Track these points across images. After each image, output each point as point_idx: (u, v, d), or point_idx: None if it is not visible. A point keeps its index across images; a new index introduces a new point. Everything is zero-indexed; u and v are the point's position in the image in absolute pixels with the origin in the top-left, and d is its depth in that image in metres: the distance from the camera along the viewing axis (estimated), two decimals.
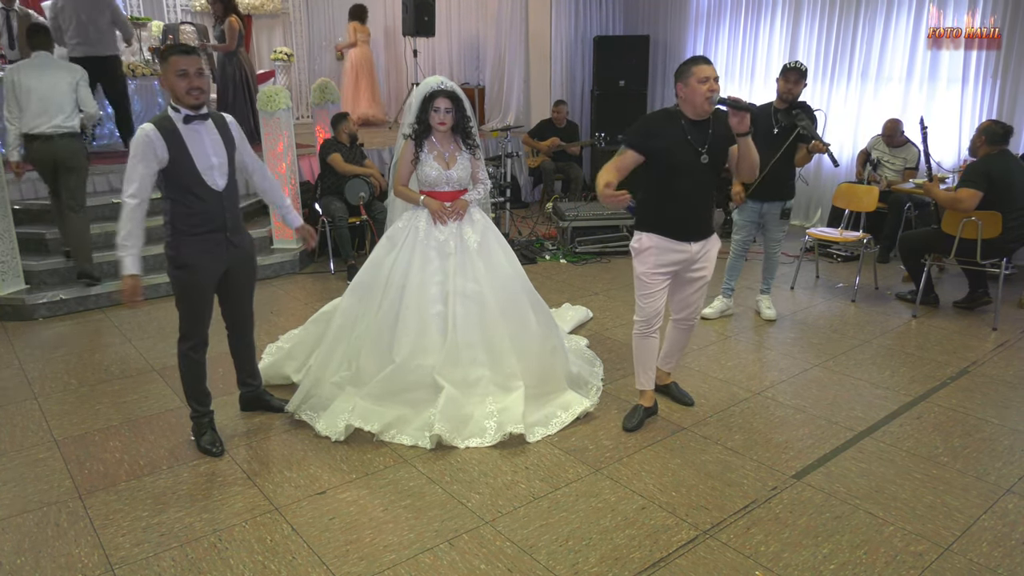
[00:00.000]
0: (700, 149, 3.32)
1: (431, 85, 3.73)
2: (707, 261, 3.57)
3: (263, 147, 6.34)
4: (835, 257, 6.82)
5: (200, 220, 3.21)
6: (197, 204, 3.19)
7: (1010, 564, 2.67)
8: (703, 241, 3.51)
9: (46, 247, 5.78)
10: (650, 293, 3.51)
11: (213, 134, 3.23)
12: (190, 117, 3.14)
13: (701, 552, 2.74)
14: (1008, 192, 4.90)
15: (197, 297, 3.30)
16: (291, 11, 10.94)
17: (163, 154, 3.09)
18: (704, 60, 3.32)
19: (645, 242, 3.48)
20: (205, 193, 3.19)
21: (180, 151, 3.12)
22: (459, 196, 3.81)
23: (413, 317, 3.67)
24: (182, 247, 3.21)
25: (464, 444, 3.47)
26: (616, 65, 9.20)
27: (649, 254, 3.47)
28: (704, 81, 3.24)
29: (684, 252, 3.47)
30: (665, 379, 3.97)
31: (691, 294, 3.65)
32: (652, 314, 3.54)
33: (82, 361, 4.56)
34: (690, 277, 3.58)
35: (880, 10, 7.38)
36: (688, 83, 3.28)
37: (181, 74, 3.08)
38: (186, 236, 3.21)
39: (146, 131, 3.07)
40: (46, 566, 2.67)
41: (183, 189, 3.16)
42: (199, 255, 3.24)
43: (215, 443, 3.45)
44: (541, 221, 7.99)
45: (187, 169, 3.14)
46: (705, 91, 3.24)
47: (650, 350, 3.63)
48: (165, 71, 3.12)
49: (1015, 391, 4.10)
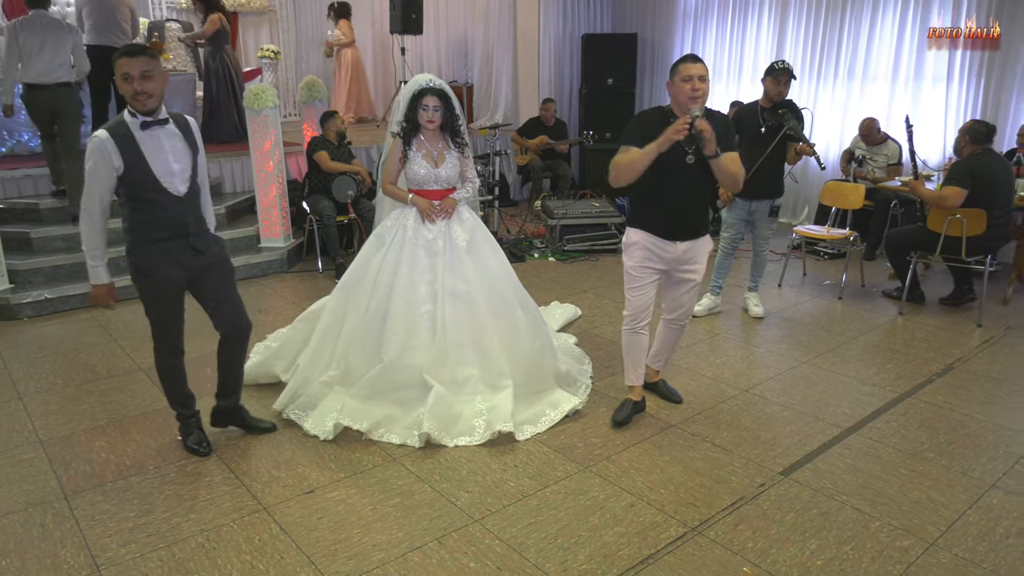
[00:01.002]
0: (687, 149, 3.29)
1: (419, 83, 3.72)
2: (696, 263, 3.54)
3: (250, 145, 6.31)
4: (822, 255, 6.86)
5: (160, 227, 3.07)
6: (157, 211, 3.05)
7: (995, 559, 2.69)
8: (691, 242, 3.49)
9: (30, 246, 5.72)
10: (638, 287, 3.52)
11: (174, 138, 3.08)
12: (147, 123, 2.98)
13: (689, 549, 2.75)
14: (992, 190, 4.94)
15: (161, 306, 3.18)
16: (278, 9, 10.87)
17: (118, 162, 2.94)
18: (692, 59, 3.29)
19: (633, 237, 3.50)
20: (165, 199, 3.04)
21: (136, 158, 2.96)
22: (448, 195, 3.80)
23: (402, 316, 3.66)
24: (142, 255, 3.08)
25: (453, 443, 3.47)
26: (604, 63, 9.21)
27: (636, 249, 3.49)
28: (687, 80, 3.22)
29: (671, 251, 3.46)
30: (654, 376, 3.98)
31: (682, 295, 3.64)
32: (639, 309, 3.55)
33: (68, 361, 4.52)
34: (680, 278, 3.58)
35: (866, 9, 7.42)
36: (674, 81, 3.29)
37: (124, 78, 2.91)
38: (146, 243, 3.07)
39: (99, 138, 2.93)
40: (31, 567, 2.65)
41: (141, 196, 3.02)
42: (160, 263, 3.09)
43: (202, 443, 3.42)
44: (530, 219, 7.99)
45: (144, 176, 2.99)
46: (688, 90, 3.21)
47: (639, 347, 3.64)
48: (116, 74, 2.96)
49: (1000, 387, 4.14)
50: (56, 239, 5.79)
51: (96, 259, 3.11)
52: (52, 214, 5.95)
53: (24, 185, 6.10)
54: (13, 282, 5.47)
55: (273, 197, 6.39)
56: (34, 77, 5.63)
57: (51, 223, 5.90)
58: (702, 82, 3.23)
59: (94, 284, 3.17)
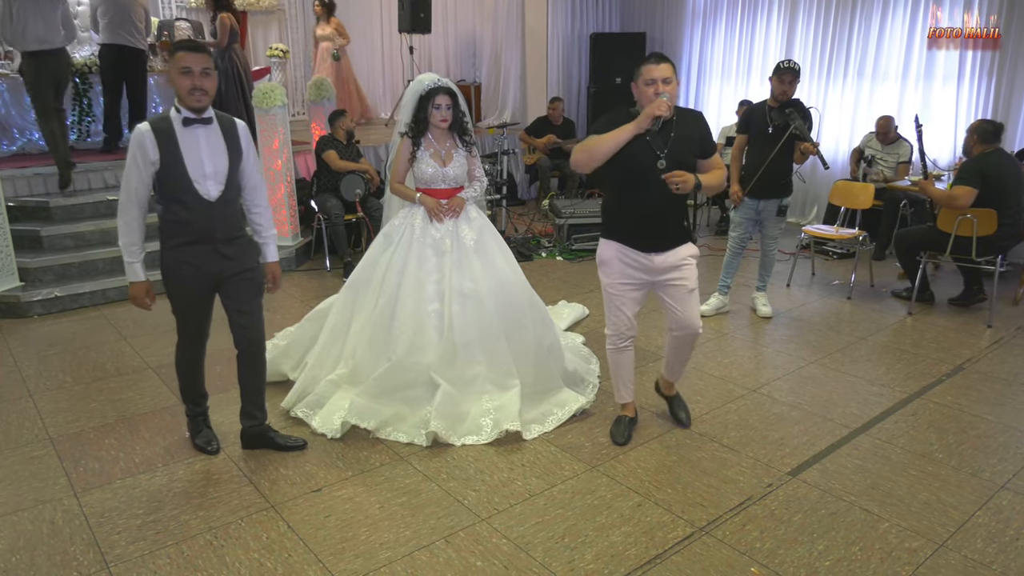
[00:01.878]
0: (659, 153, 3.05)
1: (428, 82, 3.72)
2: (680, 271, 3.26)
3: (259, 144, 6.32)
4: (831, 254, 6.83)
5: (184, 230, 3.02)
6: (183, 213, 3.00)
7: (1004, 560, 2.68)
8: (667, 253, 3.22)
9: (41, 244, 5.75)
10: (618, 306, 3.32)
11: (216, 140, 3.02)
12: (190, 120, 2.95)
13: (697, 549, 2.75)
14: (1002, 190, 4.91)
15: (184, 306, 3.16)
16: (287, 8, 10.89)
17: (154, 155, 2.92)
18: (654, 58, 3.04)
19: (607, 252, 3.28)
20: (193, 202, 2.99)
21: (172, 155, 2.93)
22: (456, 193, 3.81)
23: (409, 315, 3.66)
24: (165, 255, 3.08)
25: (460, 442, 3.47)
26: (612, 62, 9.20)
27: (612, 264, 3.27)
28: (650, 83, 2.99)
29: (647, 264, 3.23)
30: (669, 389, 3.74)
31: (678, 303, 3.31)
32: (623, 326, 3.36)
33: (77, 359, 4.54)
34: (669, 285, 3.29)
35: (876, 8, 7.38)
36: (637, 84, 3.06)
37: (185, 72, 2.88)
38: (172, 247, 3.06)
39: (140, 130, 2.92)
40: (41, 564, 2.67)
41: (171, 196, 3.00)
42: (179, 265, 3.06)
43: (211, 441, 3.43)
44: (537, 218, 7.98)
45: (178, 175, 2.95)
46: (651, 93, 2.98)
47: (625, 364, 3.48)
48: (171, 67, 2.94)
49: (1010, 388, 4.12)
50: (66, 237, 5.82)
51: (132, 255, 3.08)
52: (62, 212, 5.98)
53: (35, 184, 6.12)
54: (23, 280, 5.49)
55: (281, 196, 6.41)
56: (34, 44, 5.69)
57: (61, 221, 5.93)
58: (666, 84, 2.99)
59: (131, 282, 3.12)
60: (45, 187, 6.23)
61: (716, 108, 8.93)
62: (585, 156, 3.09)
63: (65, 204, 6.00)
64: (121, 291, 5.50)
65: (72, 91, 7.55)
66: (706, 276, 6.09)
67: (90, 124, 7.62)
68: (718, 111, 8.86)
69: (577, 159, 3.14)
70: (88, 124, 7.64)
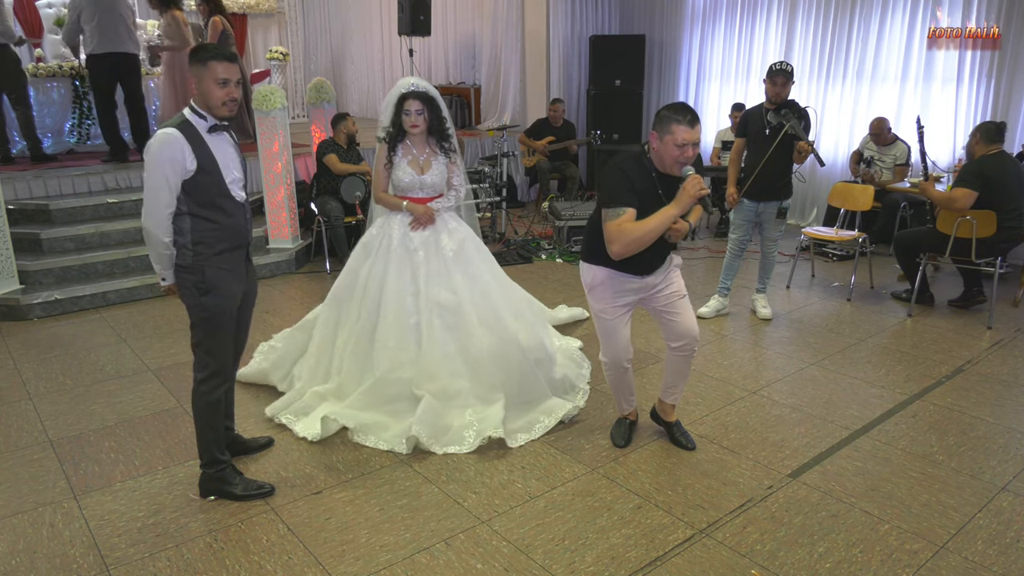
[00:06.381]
0: (667, 203, 3.00)
1: (402, 87, 3.70)
2: (668, 279, 3.27)
3: (259, 146, 6.33)
4: (831, 256, 6.83)
5: (227, 235, 2.90)
6: (224, 219, 2.88)
7: (1005, 562, 2.68)
8: (656, 272, 3.22)
9: (40, 247, 5.75)
10: (612, 330, 3.26)
11: (230, 145, 2.97)
12: (216, 126, 2.86)
13: (697, 551, 2.74)
14: (1002, 192, 4.91)
15: (225, 325, 2.95)
16: (286, 10, 10.92)
17: (192, 164, 2.77)
18: (689, 120, 2.89)
19: (597, 276, 3.21)
20: (231, 206, 2.90)
21: (208, 160, 2.82)
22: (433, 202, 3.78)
23: (391, 330, 3.64)
24: (207, 269, 2.86)
25: (443, 450, 3.43)
26: (612, 64, 9.20)
27: (603, 289, 3.21)
28: (681, 146, 2.89)
29: (639, 284, 3.21)
30: (669, 414, 3.55)
31: (674, 312, 3.27)
32: (620, 352, 3.30)
33: (77, 361, 4.54)
34: (661, 295, 3.27)
35: (876, 9, 7.39)
36: (663, 140, 2.93)
37: (222, 83, 2.77)
38: (212, 256, 2.87)
39: (173, 136, 2.74)
40: (41, 567, 2.67)
41: (210, 203, 2.84)
42: (225, 275, 2.91)
43: (262, 484, 3.12)
44: (537, 220, 7.99)
45: (215, 180, 2.84)
46: (678, 156, 2.91)
47: (626, 382, 3.44)
48: (200, 75, 2.77)
49: (1010, 389, 4.12)
50: (66, 240, 5.82)
51: (165, 267, 2.90)
52: (62, 215, 5.98)
53: (35, 186, 6.13)
54: (23, 283, 5.50)
55: (281, 198, 6.41)
56: None
57: (61, 224, 5.93)
58: (695, 148, 2.93)
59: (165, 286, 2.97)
60: (45, 190, 6.24)
61: (715, 110, 8.93)
62: (635, 246, 2.97)
63: (65, 207, 6.00)
64: (121, 294, 5.51)
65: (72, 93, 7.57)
66: (706, 278, 6.10)
67: (90, 127, 7.63)
68: (717, 113, 8.87)
69: (626, 251, 2.98)
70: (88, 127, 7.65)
